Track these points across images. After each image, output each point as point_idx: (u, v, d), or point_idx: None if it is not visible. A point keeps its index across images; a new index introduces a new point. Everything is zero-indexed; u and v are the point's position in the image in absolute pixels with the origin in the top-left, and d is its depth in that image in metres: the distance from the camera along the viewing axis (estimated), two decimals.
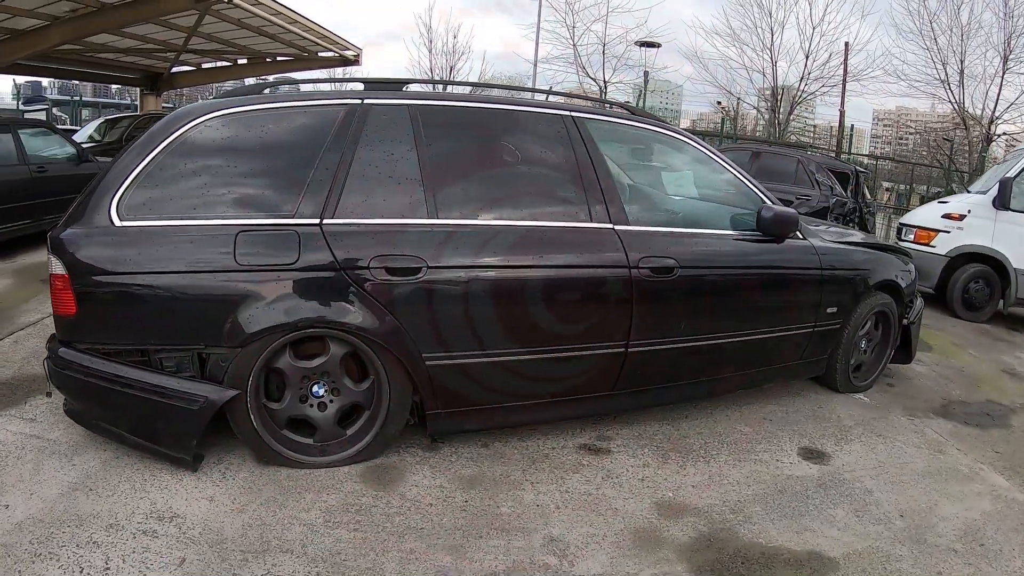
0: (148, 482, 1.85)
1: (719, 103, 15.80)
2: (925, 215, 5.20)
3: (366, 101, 1.96)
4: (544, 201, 2.14)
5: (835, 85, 13.76)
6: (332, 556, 1.55)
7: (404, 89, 2.07)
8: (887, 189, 11.02)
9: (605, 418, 2.43)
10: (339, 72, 17.41)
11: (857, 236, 3.29)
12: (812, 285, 2.61)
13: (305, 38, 10.53)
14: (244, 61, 13.31)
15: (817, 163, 7.14)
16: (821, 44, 14.10)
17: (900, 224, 5.41)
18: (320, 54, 12.57)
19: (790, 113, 14.75)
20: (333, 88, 2.62)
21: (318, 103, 1.98)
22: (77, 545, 1.57)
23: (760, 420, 2.60)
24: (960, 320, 4.60)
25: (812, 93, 14.33)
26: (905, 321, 2.98)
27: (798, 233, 2.57)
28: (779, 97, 14.52)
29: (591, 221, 2.09)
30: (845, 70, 13.19)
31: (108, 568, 1.50)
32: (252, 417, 1.86)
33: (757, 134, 15.34)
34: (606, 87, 14.40)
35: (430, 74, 19.69)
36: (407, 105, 1.98)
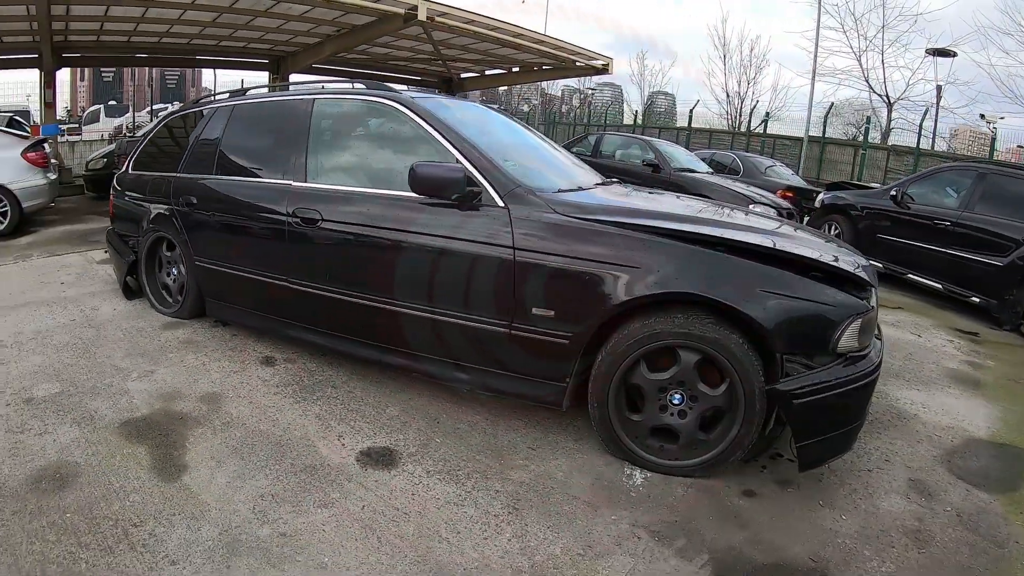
0: (101, 294, 4.39)
1: (982, 116, 12.14)
2: None
3: (219, 104, 3.92)
4: (268, 165, 3.36)
5: None
6: (85, 344, 3.58)
7: (246, 93, 3.96)
8: None
9: (327, 352, 3.28)
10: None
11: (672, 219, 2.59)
12: (492, 268, 2.53)
13: (540, 50, 13.20)
14: (517, 69, 17.09)
15: None
16: None
17: None
18: (577, 63, 15.24)
19: None
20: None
21: (205, 108, 4.04)
22: (43, 302, 4.11)
23: (426, 419, 2.79)
24: None
25: None
26: (775, 386, 2.23)
27: (497, 198, 2.57)
28: None
29: (281, 179, 3.21)
30: None
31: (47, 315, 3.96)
32: (143, 274, 4.14)
33: None
34: (891, 105, 12.85)
35: (724, 87, 20.51)
36: (230, 105, 3.82)
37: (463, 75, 18.34)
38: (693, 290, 2.26)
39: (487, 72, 17.99)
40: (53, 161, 7.15)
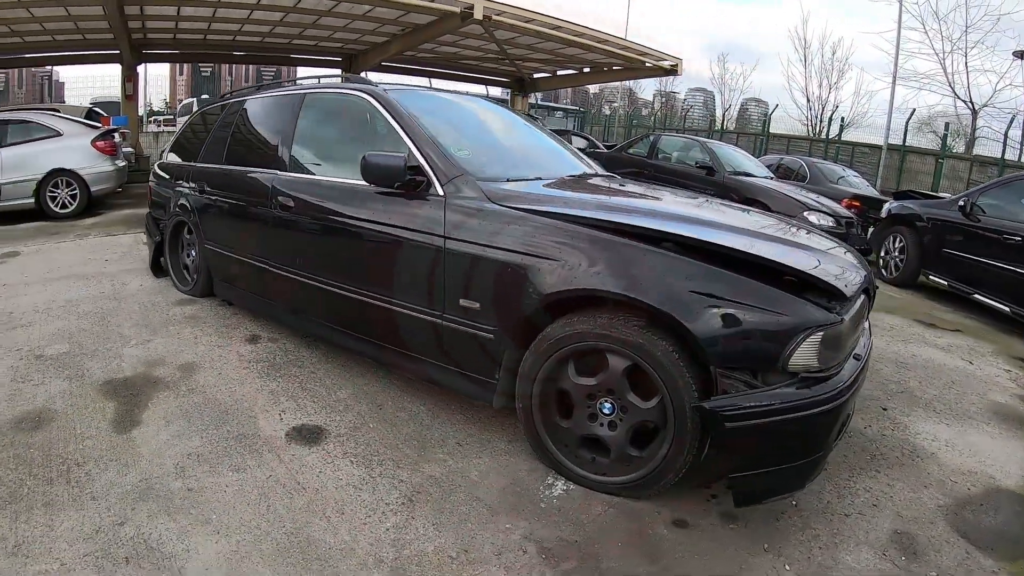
0: (136, 271, 4.99)
1: None
2: None
3: (236, 99, 4.39)
4: (263, 155, 3.71)
5: None
6: (103, 313, 4.15)
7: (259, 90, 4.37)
8: None
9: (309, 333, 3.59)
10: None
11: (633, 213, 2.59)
12: (426, 256, 2.60)
13: (606, 49, 13.27)
14: (587, 70, 17.23)
15: None
16: None
17: None
18: (646, 64, 15.21)
19: None
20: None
21: (227, 101, 4.50)
22: (83, 275, 4.72)
23: (371, 404, 2.94)
24: None
25: None
26: (707, 404, 2.00)
27: (438, 186, 2.64)
28: None
29: (271, 170, 3.53)
30: None
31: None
32: (167, 249, 4.68)
33: None
34: (976, 112, 11.93)
35: (805, 91, 19.69)
36: (244, 100, 4.24)
37: (535, 75, 18.65)
38: (603, 287, 2.14)
39: (558, 72, 18.22)
40: (127, 149, 8.05)
